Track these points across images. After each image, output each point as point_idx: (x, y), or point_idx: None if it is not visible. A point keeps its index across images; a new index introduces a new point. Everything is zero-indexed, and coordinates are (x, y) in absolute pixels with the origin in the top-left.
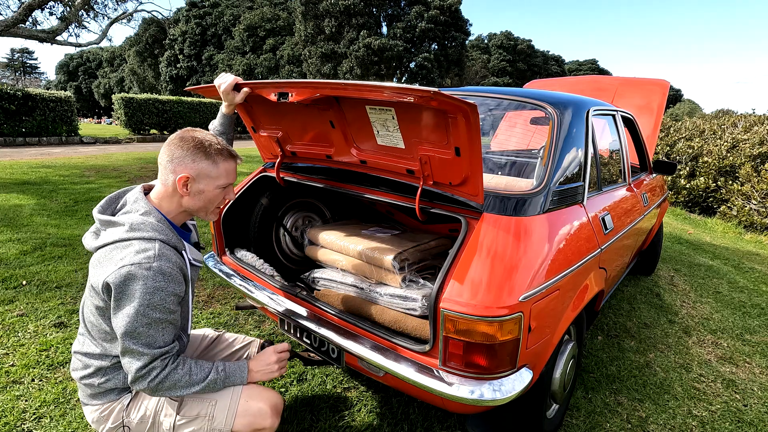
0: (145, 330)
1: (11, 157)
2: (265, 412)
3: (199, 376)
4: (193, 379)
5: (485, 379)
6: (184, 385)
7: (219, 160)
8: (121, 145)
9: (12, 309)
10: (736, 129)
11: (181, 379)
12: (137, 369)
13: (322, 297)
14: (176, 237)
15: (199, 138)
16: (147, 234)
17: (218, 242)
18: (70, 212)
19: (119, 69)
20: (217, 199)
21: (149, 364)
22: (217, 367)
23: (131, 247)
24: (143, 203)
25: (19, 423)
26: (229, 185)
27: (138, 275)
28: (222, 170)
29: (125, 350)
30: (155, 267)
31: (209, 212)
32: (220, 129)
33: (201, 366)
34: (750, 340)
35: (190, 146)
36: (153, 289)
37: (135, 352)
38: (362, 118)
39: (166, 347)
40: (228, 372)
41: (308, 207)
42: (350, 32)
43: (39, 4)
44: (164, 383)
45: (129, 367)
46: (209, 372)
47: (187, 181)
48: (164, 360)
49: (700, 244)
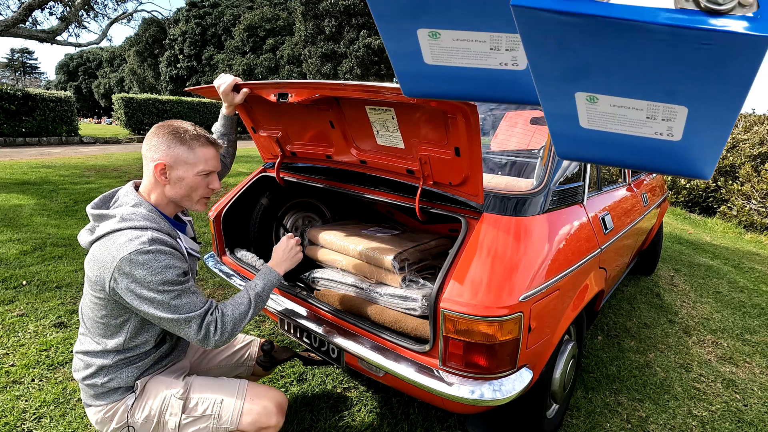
0: (178, 301)
1: (11, 157)
2: (271, 410)
3: (245, 301)
4: (243, 309)
5: (485, 379)
6: (240, 316)
7: (195, 145)
8: (121, 145)
9: (12, 309)
10: (736, 129)
11: (234, 314)
12: (195, 332)
13: (322, 297)
14: (169, 226)
15: (174, 125)
16: (139, 223)
17: (218, 242)
18: (70, 212)
19: (119, 69)
20: (200, 187)
21: (202, 324)
22: (251, 285)
23: (123, 236)
24: (133, 196)
25: (19, 423)
26: (212, 173)
27: (139, 261)
28: (200, 156)
29: (173, 323)
30: (153, 249)
31: (194, 202)
32: (222, 130)
33: (238, 297)
34: (750, 340)
35: (165, 133)
36: (162, 267)
37: (183, 320)
38: (362, 118)
39: (206, 305)
40: (262, 280)
41: (308, 207)
42: (350, 32)
43: (39, 4)
44: (226, 327)
45: (188, 335)
46: (247, 292)
47: (165, 168)
48: (213, 313)
49: (700, 244)
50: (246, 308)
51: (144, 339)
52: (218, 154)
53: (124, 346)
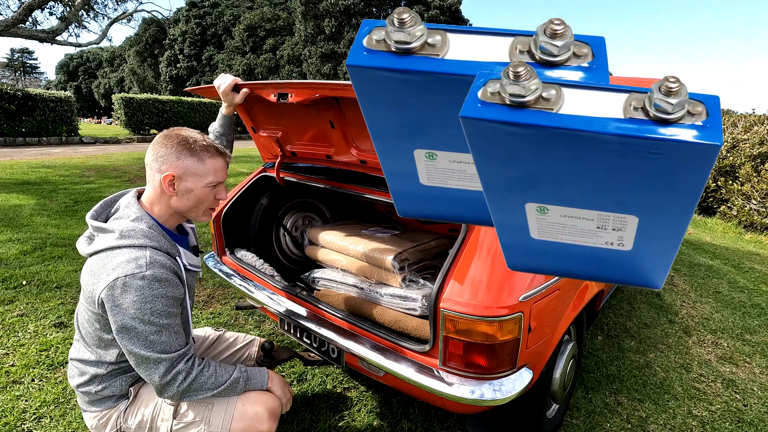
0: (157, 338)
1: (11, 157)
2: (262, 416)
3: (224, 376)
4: (218, 381)
5: (485, 379)
6: (211, 386)
7: (205, 156)
8: (121, 145)
9: (12, 309)
10: (736, 129)
11: (207, 380)
12: (161, 376)
13: (322, 297)
14: (169, 243)
15: (183, 135)
16: (138, 242)
17: (218, 242)
18: (70, 212)
19: (119, 69)
20: (208, 199)
21: (172, 369)
22: (239, 368)
23: (121, 256)
24: (135, 208)
25: (19, 423)
26: (219, 184)
27: (132, 286)
28: (209, 167)
29: (141, 361)
30: (149, 275)
31: (201, 213)
32: (220, 130)
33: (224, 367)
34: (750, 340)
35: (174, 143)
36: (152, 297)
37: (152, 360)
38: (362, 118)
39: (182, 349)
40: (250, 374)
41: (308, 207)
42: (350, 32)
43: (39, 4)
44: (193, 385)
45: (151, 378)
46: (233, 371)
47: (173, 180)
48: (187, 362)
49: (700, 244)
50: (221, 382)
51: None
52: (226, 165)
53: (118, 358)
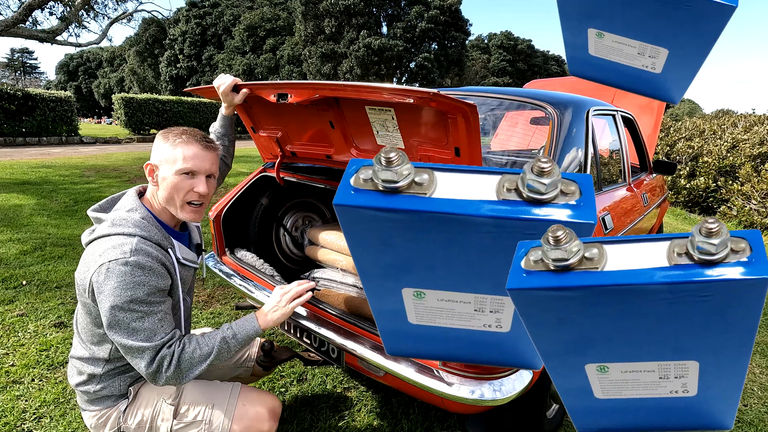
0: (139, 324)
1: (11, 157)
2: (263, 416)
3: (210, 344)
4: (204, 351)
5: (485, 379)
6: (200, 358)
7: (177, 142)
8: (121, 145)
9: (12, 309)
10: (736, 129)
11: (193, 355)
12: (146, 365)
13: (322, 297)
14: (162, 235)
15: (168, 128)
16: (127, 230)
17: (218, 242)
18: (70, 212)
19: (119, 69)
20: (183, 189)
21: (156, 356)
22: (223, 328)
23: (109, 242)
24: (131, 200)
25: (19, 423)
26: (195, 173)
27: (114, 271)
28: (179, 153)
29: (127, 350)
30: (132, 261)
31: (178, 207)
32: (221, 131)
33: (207, 335)
34: None
35: (159, 136)
36: (133, 284)
37: (136, 348)
38: (362, 119)
39: (167, 336)
40: (236, 328)
41: (308, 207)
42: (350, 32)
43: (39, 4)
44: (181, 365)
45: (138, 366)
46: (217, 334)
47: (154, 170)
48: (170, 347)
49: None
50: (208, 351)
51: None
52: (208, 155)
53: (111, 355)
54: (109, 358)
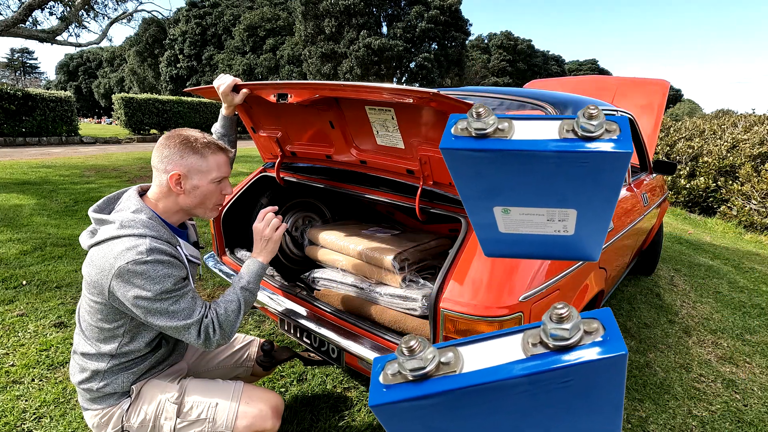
0: (177, 307)
1: (11, 157)
2: (266, 414)
3: (234, 298)
4: (234, 306)
5: None
6: (234, 314)
7: (207, 153)
8: (121, 145)
9: (12, 309)
10: (736, 129)
11: (228, 313)
12: (195, 338)
13: (322, 297)
14: (169, 233)
15: (185, 135)
16: (137, 231)
17: (218, 242)
18: (70, 212)
19: (119, 69)
20: (214, 195)
21: (200, 328)
22: (234, 281)
23: (122, 245)
24: (134, 201)
25: (19, 423)
26: (224, 179)
27: (137, 271)
28: (212, 163)
29: (173, 330)
30: (150, 260)
31: (208, 209)
32: (222, 131)
33: (227, 295)
34: (750, 340)
35: (177, 143)
36: (159, 277)
37: (182, 327)
38: (362, 119)
39: (203, 308)
40: (245, 275)
41: (308, 207)
42: (350, 32)
43: (39, 4)
44: (224, 327)
45: (189, 340)
46: (234, 290)
47: (180, 178)
48: (209, 315)
49: (700, 244)
50: (237, 304)
51: (139, 344)
52: (229, 160)
53: (118, 350)
54: (115, 353)
